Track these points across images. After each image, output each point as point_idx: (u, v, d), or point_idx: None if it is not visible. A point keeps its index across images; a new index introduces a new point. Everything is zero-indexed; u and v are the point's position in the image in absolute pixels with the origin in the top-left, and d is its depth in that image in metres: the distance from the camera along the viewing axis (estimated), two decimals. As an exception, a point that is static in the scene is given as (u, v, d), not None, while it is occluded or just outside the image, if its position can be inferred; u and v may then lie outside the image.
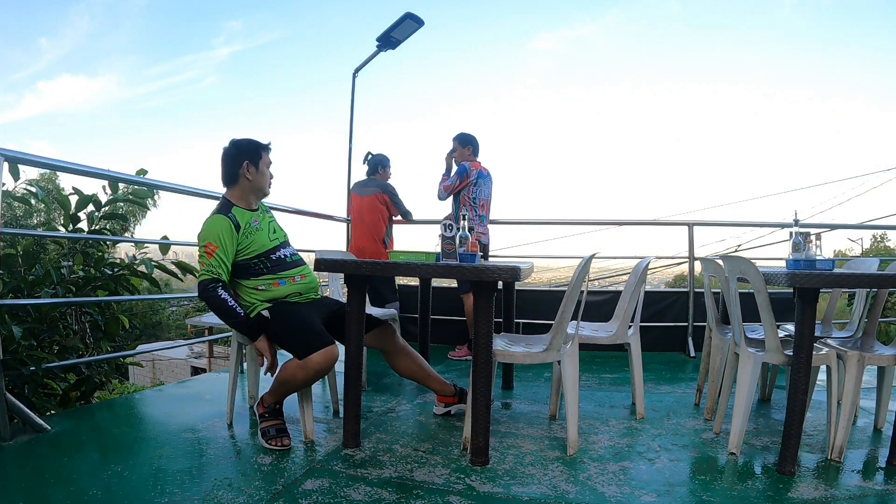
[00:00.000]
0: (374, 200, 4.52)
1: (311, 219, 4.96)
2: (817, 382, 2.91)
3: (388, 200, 4.54)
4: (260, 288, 2.49)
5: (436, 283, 4.44)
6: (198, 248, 2.47)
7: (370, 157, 4.70)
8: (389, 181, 4.70)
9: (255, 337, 2.42)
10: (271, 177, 2.66)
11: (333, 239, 4.76)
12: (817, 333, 2.51)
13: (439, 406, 2.90)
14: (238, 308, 2.40)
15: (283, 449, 2.34)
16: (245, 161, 2.55)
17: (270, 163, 2.65)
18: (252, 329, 2.43)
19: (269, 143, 2.66)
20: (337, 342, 2.41)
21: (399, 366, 2.75)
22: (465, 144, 4.42)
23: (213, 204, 2.62)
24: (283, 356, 2.41)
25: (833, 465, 2.27)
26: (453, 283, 4.82)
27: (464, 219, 2.55)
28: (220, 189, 2.65)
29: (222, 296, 2.37)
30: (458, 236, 2.50)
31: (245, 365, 3.29)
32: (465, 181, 4.26)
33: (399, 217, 4.67)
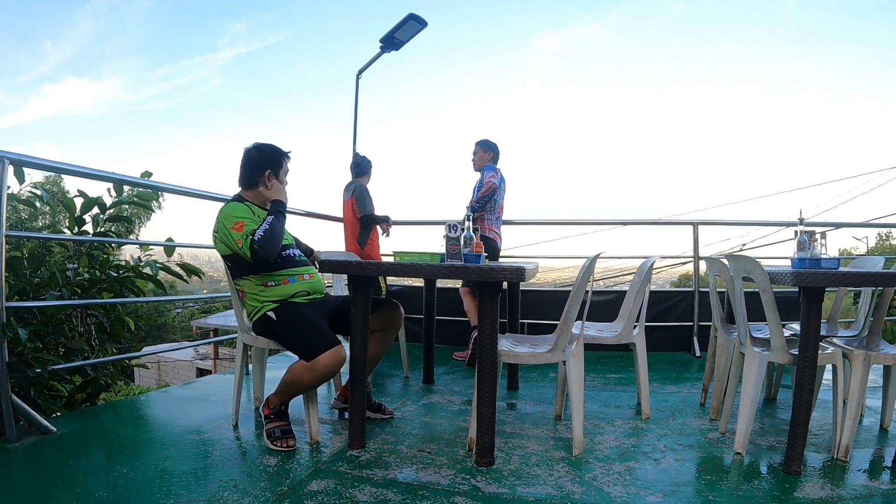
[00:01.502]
0: (349, 202, 4.54)
1: (312, 220, 4.96)
2: (823, 381, 2.90)
3: (354, 201, 4.54)
4: (270, 284, 2.50)
5: (440, 283, 4.44)
6: (220, 233, 2.45)
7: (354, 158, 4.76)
8: (367, 184, 4.72)
9: (284, 205, 2.48)
10: (285, 184, 2.66)
11: (337, 240, 4.75)
12: (823, 332, 2.51)
13: (340, 399, 2.88)
14: (269, 220, 2.42)
15: (289, 450, 2.34)
16: (268, 171, 2.57)
17: (288, 171, 2.67)
18: (277, 206, 2.47)
19: (289, 152, 2.67)
20: (344, 340, 2.41)
21: (372, 339, 2.62)
22: (487, 150, 4.49)
23: (218, 206, 2.63)
24: (290, 358, 2.41)
25: (839, 464, 2.26)
26: (458, 284, 4.81)
27: (468, 220, 2.55)
28: (223, 191, 2.66)
29: (261, 233, 2.36)
30: (462, 237, 2.50)
31: (250, 366, 3.29)
32: (494, 186, 4.28)
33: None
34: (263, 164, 2.57)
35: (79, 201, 3.38)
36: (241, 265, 2.50)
